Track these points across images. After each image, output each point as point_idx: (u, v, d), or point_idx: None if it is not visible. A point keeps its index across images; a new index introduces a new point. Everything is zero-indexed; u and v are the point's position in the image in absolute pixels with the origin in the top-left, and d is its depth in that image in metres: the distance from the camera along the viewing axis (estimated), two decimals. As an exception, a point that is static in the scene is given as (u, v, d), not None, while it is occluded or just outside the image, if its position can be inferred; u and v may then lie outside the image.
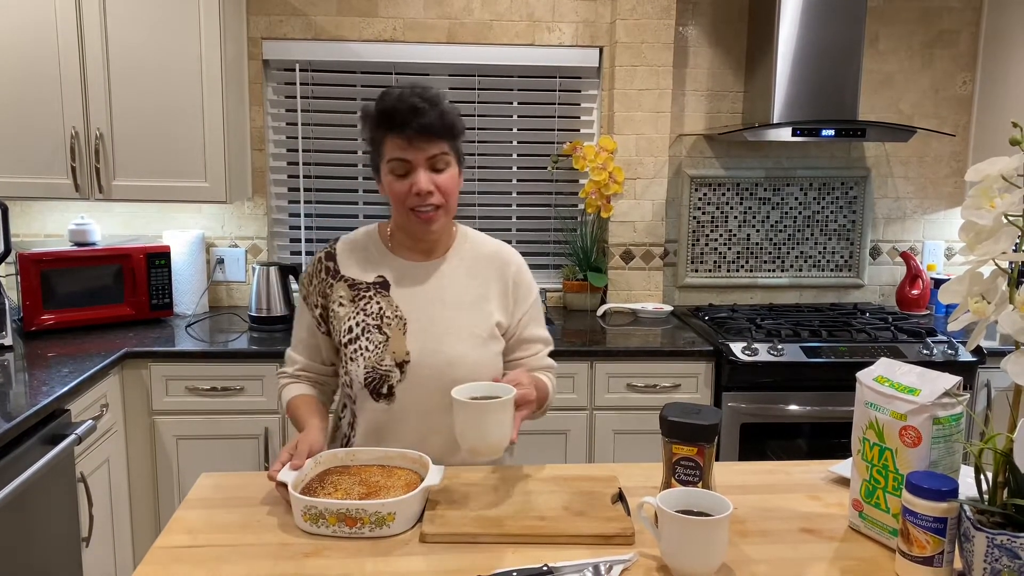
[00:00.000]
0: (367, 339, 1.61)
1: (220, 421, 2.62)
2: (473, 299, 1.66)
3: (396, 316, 1.62)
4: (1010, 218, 1.08)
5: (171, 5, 2.69)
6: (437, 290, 1.65)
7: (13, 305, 2.78)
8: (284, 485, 1.35)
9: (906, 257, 3.30)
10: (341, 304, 1.64)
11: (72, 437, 2.08)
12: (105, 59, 2.69)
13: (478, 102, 3.24)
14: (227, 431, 2.63)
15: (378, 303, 1.63)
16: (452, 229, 1.72)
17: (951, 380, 1.22)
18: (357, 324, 1.62)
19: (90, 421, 2.18)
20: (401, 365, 1.59)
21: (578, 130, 3.32)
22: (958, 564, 1.15)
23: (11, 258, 2.74)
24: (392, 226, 1.69)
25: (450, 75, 3.22)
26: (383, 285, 1.64)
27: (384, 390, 1.60)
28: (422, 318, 1.62)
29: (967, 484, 1.20)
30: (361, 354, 1.60)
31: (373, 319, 1.62)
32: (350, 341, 1.62)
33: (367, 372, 1.60)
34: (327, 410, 1.73)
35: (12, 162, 2.71)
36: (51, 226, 3.12)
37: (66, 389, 2.14)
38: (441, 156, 1.56)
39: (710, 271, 3.39)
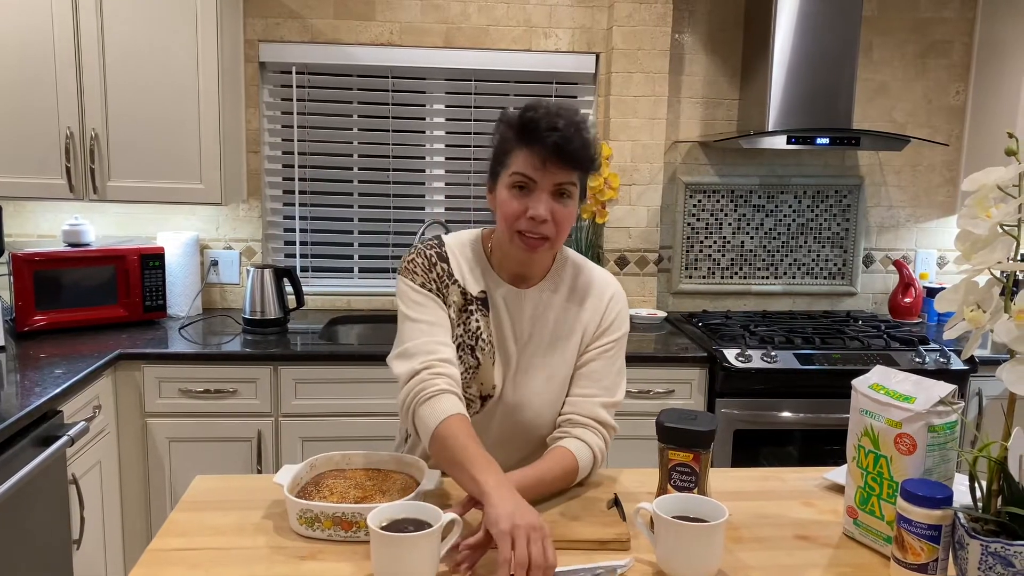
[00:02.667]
0: (460, 359, 1.52)
1: (213, 423, 2.61)
2: (559, 336, 1.55)
3: (489, 342, 1.53)
4: (1006, 228, 1.09)
5: (168, 6, 2.69)
6: (528, 322, 1.54)
7: (5, 305, 2.77)
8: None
9: (899, 265, 3.31)
10: (452, 310, 1.54)
11: (65, 439, 2.07)
12: (101, 60, 2.69)
13: (474, 107, 3.25)
14: (220, 434, 2.62)
15: (477, 321, 1.53)
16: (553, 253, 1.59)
17: (946, 388, 1.22)
18: (457, 337, 1.53)
19: (83, 423, 2.17)
20: (484, 398, 1.53)
21: (574, 136, 3.32)
22: (952, 571, 1.15)
23: (4, 258, 2.73)
24: (493, 240, 1.56)
25: (446, 79, 3.22)
26: (484, 303, 1.54)
27: None
28: (506, 351, 1.54)
29: (961, 492, 1.20)
30: None
31: (470, 338, 1.53)
32: None
33: None
34: None
35: (6, 162, 2.70)
36: (45, 226, 3.10)
37: (59, 390, 2.13)
38: (568, 185, 1.42)
39: (704, 277, 3.40)
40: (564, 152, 1.38)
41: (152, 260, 2.88)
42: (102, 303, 2.81)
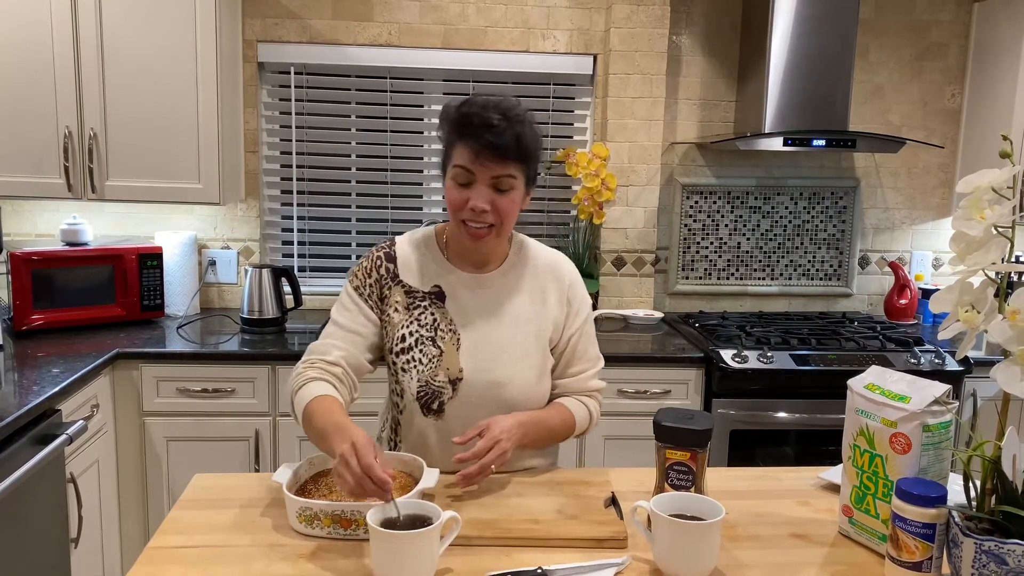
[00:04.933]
0: (420, 351, 1.57)
1: (210, 423, 2.62)
2: (528, 315, 1.61)
3: (450, 330, 1.58)
4: (1000, 229, 1.10)
5: (167, 6, 2.69)
6: (492, 305, 1.61)
7: (3, 304, 2.77)
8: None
9: (894, 267, 3.33)
10: (396, 310, 1.60)
11: (63, 437, 2.07)
12: (100, 59, 2.69)
13: (472, 107, 3.25)
14: (217, 433, 2.62)
15: (432, 314, 1.58)
16: (508, 239, 1.66)
17: (941, 388, 1.23)
18: (411, 334, 1.58)
19: (81, 421, 2.18)
20: (454, 382, 1.56)
21: (571, 137, 3.33)
22: (946, 570, 1.16)
23: (2, 257, 2.73)
24: (448, 232, 1.64)
25: (444, 80, 3.23)
26: (439, 296, 1.60)
27: (435, 406, 1.57)
28: (475, 334, 1.58)
29: (955, 491, 1.21)
30: (414, 367, 1.57)
31: (427, 331, 1.58)
32: (403, 351, 1.58)
33: (420, 386, 1.57)
34: None
35: (5, 161, 2.70)
36: (43, 226, 3.10)
37: (57, 389, 2.13)
38: (506, 178, 1.49)
39: (700, 278, 3.41)
40: (496, 147, 1.45)
41: (150, 259, 2.88)
42: (100, 302, 2.81)
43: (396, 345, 1.59)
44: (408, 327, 1.58)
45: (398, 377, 1.60)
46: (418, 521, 1.19)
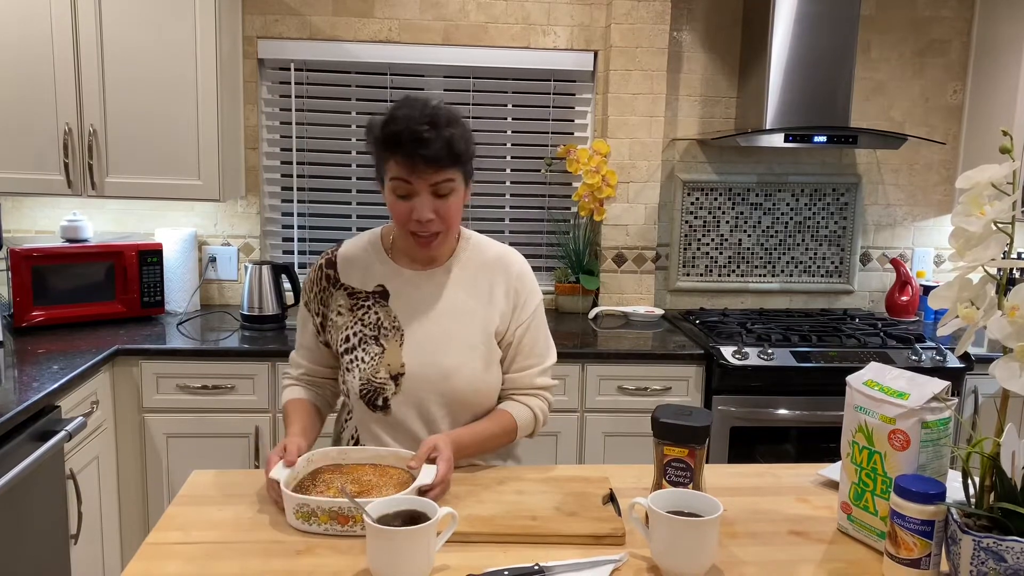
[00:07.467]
0: (363, 350, 1.59)
1: (210, 419, 2.62)
2: (473, 308, 1.62)
3: (393, 327, 1.59)
4: (999, 225, 1.09)
5: (167, 3, 2.69)
6: (437, 300, 1.61)
7: (3, 301, 2.77)
8: (276, 484, 1.35)
9: (896, 264, 3.32)
10: (340, 313, 1.62)
11: (62, 434, 2.07)
12: (100, 55, 2.69)
13: (473, 104, 3.25)
14: (217, 429, 2.62)
15: (376, 313, 1.60)
16: (456, 235, 1.67)
17: (940, 385, 1.23)
18: (354, 334, 1.60)
19: (80, 418, 2.18)
20: (396, 377, 1.57)
21: (572, 133, 3.33)
22: (945, 567, 1.16)
23: (2, 253, 2.73)
24: (393, 233, 1.65)
25: (445, 76, 3.22)
26: (382, 295, 1.61)
27: (379, 402, 1.58)
28: (420, 330, 1.59)
29: (954, 488, 1.21)
30: (357, 365, 1.59)
31: (370, 330, 1.59)
32: (347, 351, 1.60)
33: (362, 384, 1.58)
34: (321, 413, 1.71)
35: (5, 158, 2.70)
36: (43, 222, 3.11)
37: (56, 385, 2.13)
38: (444, 183, 1.49)
39: (701, 275, 3.41)
40: (429, 158, 1.45)
41: (150, 256, 2.88)
42: (100, 299, 2.82)
43: (341, 346, 1.62)
44: (351, 328, 1.61)
45: (344, 377, 1.63)
46: (415, 517, 1.19)
